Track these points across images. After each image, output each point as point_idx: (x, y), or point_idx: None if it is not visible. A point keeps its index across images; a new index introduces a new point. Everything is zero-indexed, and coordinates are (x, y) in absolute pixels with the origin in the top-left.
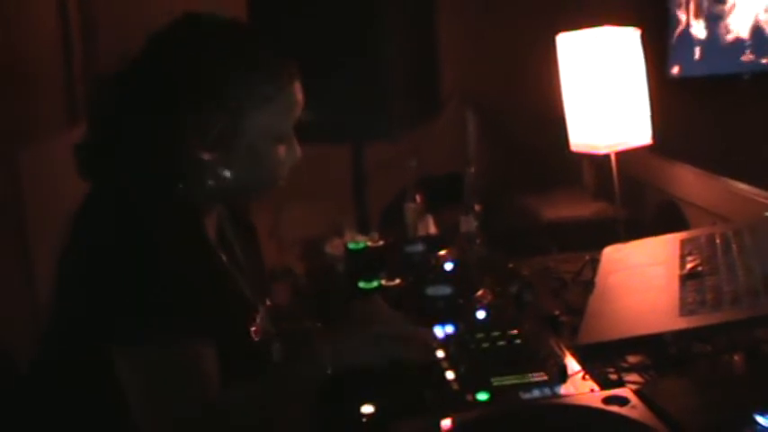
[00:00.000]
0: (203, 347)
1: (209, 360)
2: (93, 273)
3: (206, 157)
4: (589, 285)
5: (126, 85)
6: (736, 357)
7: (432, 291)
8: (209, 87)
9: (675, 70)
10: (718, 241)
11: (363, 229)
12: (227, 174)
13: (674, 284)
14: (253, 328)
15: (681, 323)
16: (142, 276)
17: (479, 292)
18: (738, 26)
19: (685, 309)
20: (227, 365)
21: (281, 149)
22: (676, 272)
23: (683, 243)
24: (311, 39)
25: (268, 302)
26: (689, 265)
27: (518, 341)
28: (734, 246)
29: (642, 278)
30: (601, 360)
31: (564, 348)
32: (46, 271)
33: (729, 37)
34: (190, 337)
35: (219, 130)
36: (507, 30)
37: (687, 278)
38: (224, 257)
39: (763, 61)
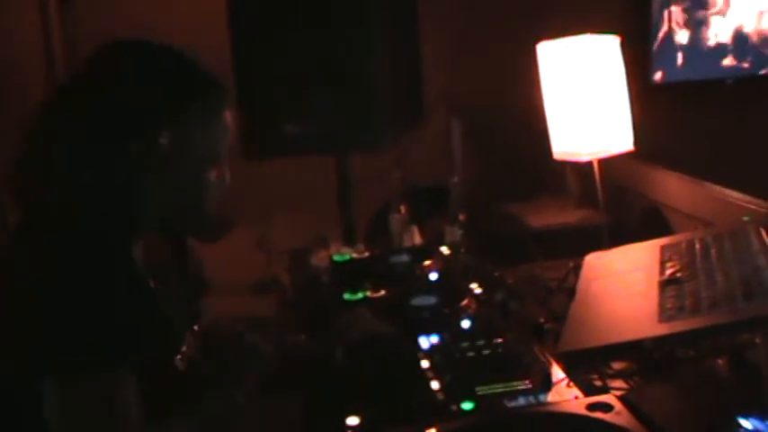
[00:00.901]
0: (127, 379)
1: (130, 392)
2: (19, 306)
3: (137, 183)
4: (573, 293)
5: (57, 112)
6: (719, 362)
7: (417, 301)
8: (140, 114)
9: (658, 76)
10: (697, 247)
11: (349, 241)
12: (158, 199)
13: (654, 290)
14: (178, 357)
15: (659, 329)
16: (66, 306)
17: (464, 302)
18: (720, 31)
19: (664, 314)
20: (152, 395)
21: (213, 175)
22: (656, 278)
23: (664, 249)
24: (295, 51)
25: (196, 327)
26: (668, 271)
27: (503, 349)
28: (713, 251)
29: (623, 285)
30: (584, 367)
31: (549, 356)
32: None
33: (711, 42)
34: (113, 368)
35: (151, 157)
36: (490, 39)
37: (666, 284)
38: (152, 285)
39: (745, 66)
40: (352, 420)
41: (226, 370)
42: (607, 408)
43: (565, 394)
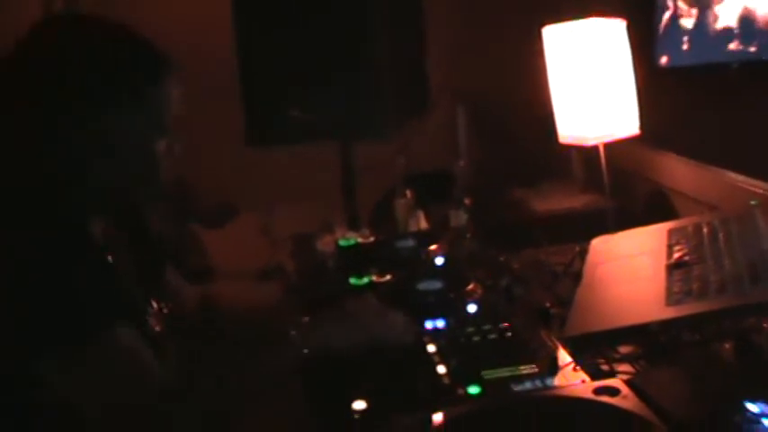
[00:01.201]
0: (128, 330)
1: (139, 340)
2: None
3: (84, 158)
4: (579, 277)
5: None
6: (725, 346)
7: (422, 286)
8: (79, 89)
9: (663, 60)
10: (705, 230)
11: (354, 226)
12: (108, 174)
13: (661, 274)
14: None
15: (667, 312)
16: (43, 286)
17: (470, 286)
18: (726, 15)
19: (671, 298)
20: None
21: (161, 146)
22: (663, 261)
23: (671, 233)
24: (299, 39)
25: (157, 306)
26: (676, 255)
27: (509, 334)
28: (720, 235)
29: (629, 268)
30: (590, 351)
31: (555, 340)
32: None
33: (717, 26)
34: (114, 325)
35: (98, 131)
36: (494, 23)
37: (674, 268)
38: (110, 260)
39: (752, 50)
40: (359, 405)
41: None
42: (614, 392)
43: (571, 378)
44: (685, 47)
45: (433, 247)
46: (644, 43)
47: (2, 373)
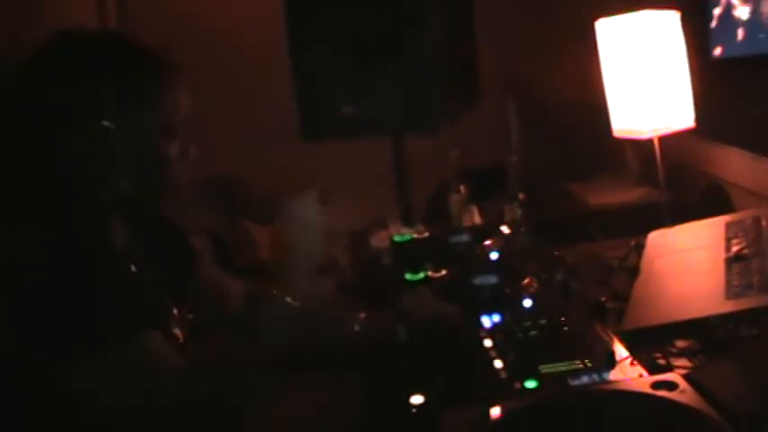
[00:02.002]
0: (152, 334)
1: (163, 343)
2: (9, 305)
3: (96, 164)
4: (634, 271)
5: (5, 105)
6: None
7: (478, 280)
8: (90, 96)
9: (718, 51)
10: (763, 223)
11: (408, 222)
12: (120, 178)
13: (720, 268)
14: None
15: (727, 306)
16: (66, 290)
17: (525, 281)
18: None
19: (731, 292)
20: None
21: (173, 149)
22: (722, 255)
23: (728, 226)
24: (350, 33)
25: (177, 312)
26: (734, 248)
27: (565, 328)
28: None
29: (687, 262)
30: (648, 345)
31: (611, 334)
32: None
33: None
34: (136, 330)
35: (105, 139)
36: (546, 16)
37: (732, 261)
38: (132, 267)
39: None
40: (417, 399)
41: None
42: (672, 386)
43: (628, 373)
44: (740, 37)
45: (487, 242)
46: (698, 34)
47: (27, 375)
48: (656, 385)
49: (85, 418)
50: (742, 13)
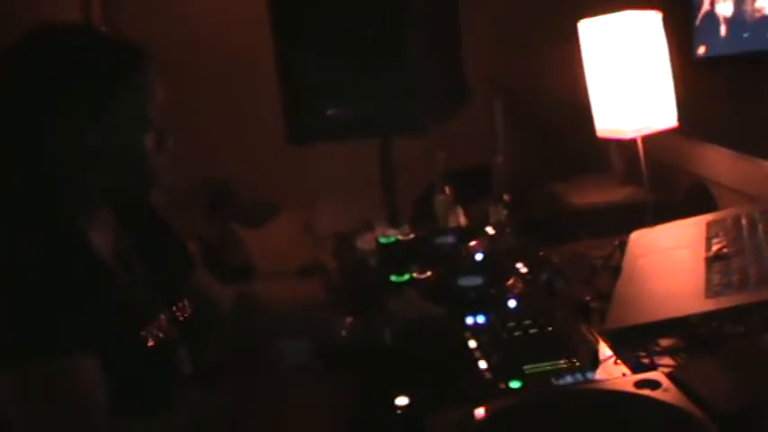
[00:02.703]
0: (80, 359)
1: (88, 371)
2: None
3: (72, 159)
4: (618, 270)
5: None
6: (767, 337)
7: (463, 281)
8: (62, 91)
9: (701, 50)
10: (744, 222)
11: (394, 223)
12: (98, 172)
13: (700, 267)
14: (143, 333)
15: (706, 305)
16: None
17: (510, 282)
18: (765, 2)
19: (711, 290)
20: (119, 372)
21: (149, 140)
22: (702, 254)
23: (710, 225)
24: (336, 36)
25: (167, 310)
26: (715, 247)
27: (549, 329)
28: (760, 226)
29: (669, 261)
30: (631, 344)
31: (595, 334)
32: None
33: (756, 14)
34: (64, 351)
35: (81, 131)
36: (531, 18)
37: (713, 260)
38: (113, 264)
39: None
40: (402, 401)
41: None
42: (655, 385)
43: (612, 372)
44: (723, 36)
45: (472, 243)
46: (681, 33)
47: None
48: (639, 384)
49: None
50: (725, 11)
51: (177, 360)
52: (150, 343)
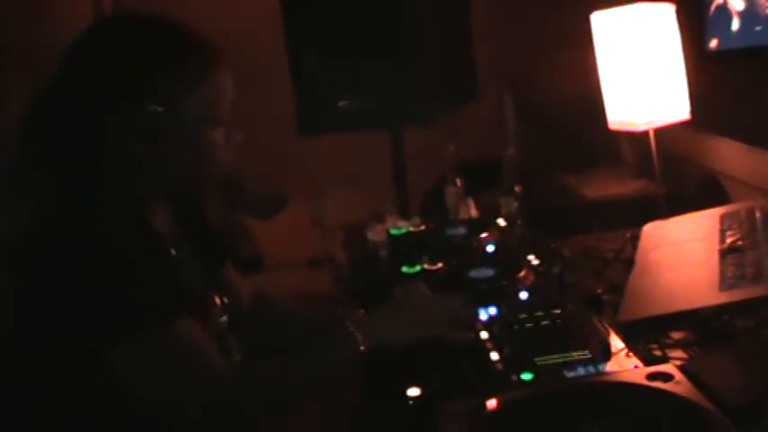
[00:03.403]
0: (187, 320)
1: (201, 332)
2: (51, 284)
3: (141, 149)
4: (630, 263)
5: (51, 91)
6: None
7: (474, 273)
8: (135, 82)
9: (713, 43)
10: (757, 215)
11: (404, 215)
12: (164, 164)
13: (714, 259)
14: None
15: (720, 297)
16: (109, 271)
17: (521, 273)
18: None
19: (725, 283)
20: None
21: (217, 135)
22: (716, 246)
23: (723, 218)
24: (347, 28)
25: (218, 300)
26: (729, 240)
27: (561, 320)
28: None
29: (682, 254)
30: (644, 337)
31: (607, 326)
32: None
33: None
34: (174, 314)
35: (151, 122)
36: (543, 9)
37: (727, 252)
38: (173, 252)
39: None
40: (413, 391)
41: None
42: (667, 377)
43: (624, 364)
44: (735, 29)
45: (483, 234)
46: (693, 27)
47: (68, 358)
48: (651, 376)
49: (115, 409)
50: (738, 5)
51: (227, 348)
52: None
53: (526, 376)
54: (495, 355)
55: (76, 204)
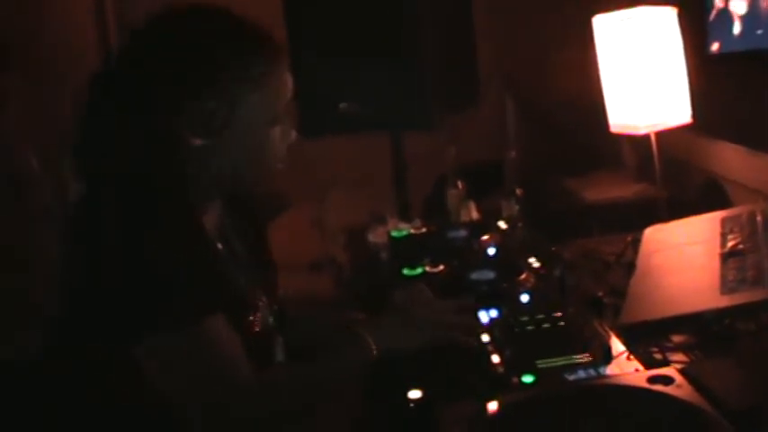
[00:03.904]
0: (223, 322)
1: (234, 338)
2: (97, 275)
3: (200, 144)
4: (631, 266)
5: (115, 80)
6: None
7: (475, 276)
8: (199, 75)
9: (715, 47)
10: (758, 219)
11: (406, 217)
12: (225, 160)
13: (715, 263)
14: (251, 318)
15: (722, 301)
16: (151, 268)
17: (522, 276)
18: None
19: (726, 287)
20: None
21: (276, 132)
22: (717, 250)
23: (724, 221)
24: (346, 28)
25: (264, 298)
26: (730, 243)
27: (562, 323)
28: None
29: (683, 257)
30: (644, 340)
31: (608, 329)
32: None
33: None
34: (209, 314)
35: (213, 117)
36: (544, 12)
37: (728, 256)
38: (221, 249)
39: None
40: (414, 394)
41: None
42: (668, 381)
43: (625, 367)
44: (737, 33)
45: (485, 237)
46: (695, 30)
47: (103, 353)
48: (652, 380)
49: (144, 401)
50: (739, 8)
51: (272, 350)
52: (256, 329)
53: (527, 379)
54: (496, 358)
55: (129, 196)
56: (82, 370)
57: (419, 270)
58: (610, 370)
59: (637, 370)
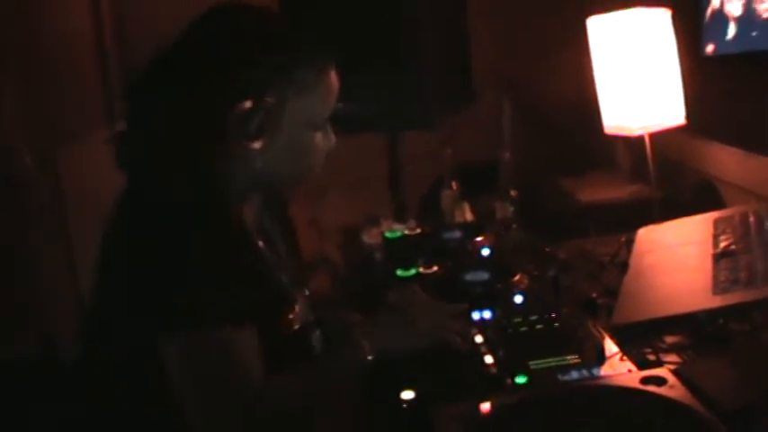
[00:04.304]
0: (245, 333)
1: (251, 345)
2: (134, 267)
3: (246, 145)
4: (625, 267)
5: (163, 75)
6: None
7: (469, 276)
8: (249, 76)
9: (710, 48)
10: (751, 219)
11: (400, 218)
12: (267, 162)
13: (708, 263)
14: (291, 316)
15: (714, 301)
16: (181, 266)
17: (516, 277)
18: None
19: (718, 287)
20: (268, 353)
21: (318, 137)
22: (710, 251)
23: (717, 222)
24: (343, 29)
25: (306, 292)
26: (722, 244)
27: (556, 324)
28: (767, 224)
29: (676, 258)
30: (638, 341)
31: (601, 330)
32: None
33: (764, 13)
34: (231, 322)
35: (261, 119)
36: (539, 14)
37: (721, 257)
38: (262, 246)
39: None
40: (407, 395)
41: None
42: (661, 381)
43: (618, 368)
44: (731, 35)
45: (479, 238)
46: (690, 32)
47: (120, 349)
48: (645, 380)
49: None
50: (734, 10)
51: (311, 344)
52: (296, 325)
53: (520, 380)
54: (489, 359)
55: (176, 192)
56: (115, 370)
57: (413, 271)
58: (603, 371)
59: (630, 371)
